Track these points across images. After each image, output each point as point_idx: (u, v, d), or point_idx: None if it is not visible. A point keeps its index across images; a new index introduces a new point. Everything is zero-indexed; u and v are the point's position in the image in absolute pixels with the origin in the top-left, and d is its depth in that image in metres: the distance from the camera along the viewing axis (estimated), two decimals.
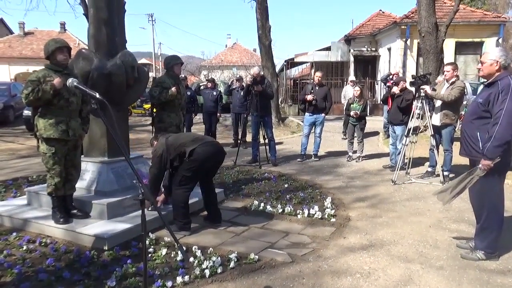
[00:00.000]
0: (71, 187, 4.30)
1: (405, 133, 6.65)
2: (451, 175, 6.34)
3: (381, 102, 8.02)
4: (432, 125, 6.38)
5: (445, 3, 17.93)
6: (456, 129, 6.71)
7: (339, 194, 5.78)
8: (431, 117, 6.44)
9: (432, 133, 6.38)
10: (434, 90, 6.27)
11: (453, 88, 6.06)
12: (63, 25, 34.81)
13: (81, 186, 4.54)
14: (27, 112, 12.02)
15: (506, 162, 3.48)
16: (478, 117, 3.52)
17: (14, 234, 4.09)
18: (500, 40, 17.18)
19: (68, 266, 3.41)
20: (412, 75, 7.03)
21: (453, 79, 6.16)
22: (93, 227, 4.05)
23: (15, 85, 17.30)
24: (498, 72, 3.48)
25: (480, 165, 3.39)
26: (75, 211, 4.30)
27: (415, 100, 6.56)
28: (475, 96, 5.59)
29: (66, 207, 4.27)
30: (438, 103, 6.33)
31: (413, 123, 6.50)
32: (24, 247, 3.77)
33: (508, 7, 27.30)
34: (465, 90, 6.60)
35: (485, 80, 3.63)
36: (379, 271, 3.42)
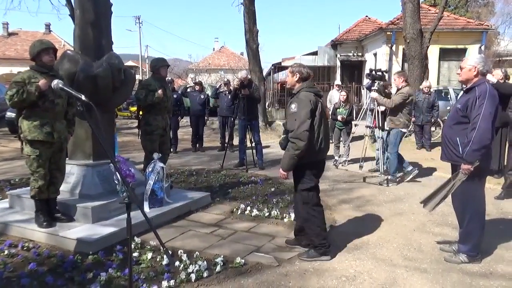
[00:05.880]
0: (55, 190, 4.23)
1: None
2: (398, 175, 6.63)
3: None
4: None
5: (429, 10, 18.29)
6: (406, 133, 7.03)
7: (324, 197, 5.80)
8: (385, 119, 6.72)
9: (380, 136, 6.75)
10: (386, 93, 6.64)
11: (397, 95, 6.28)
12: (48, 26, 34.34)
13: (66, 189, 4.48)
14: (10, 114, 11.79)
15: (485, 166, 3.57)
16: (457, 122, 3.60)
17: None
18: (482, 47, 17.58)
19: (51, 271, 3.35)
20: (369, 68, 7.18)
21: (402, 85, 6.39)
22: (77, 231, 3.99)
23: None
24: (476, 78, 3.57)
25: (461, 170, 3.47)
26: (58, 214, 4.23)
27: (369, 100, 7.00)
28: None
29: (50, 211, 4.20)
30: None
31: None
32: (6, 252, 3.69)
33: (490, 15, 27.93)
34: (413, 97, 6.89)
35: (465, 86, 3.73)
36: (364, 274, 3.44)
